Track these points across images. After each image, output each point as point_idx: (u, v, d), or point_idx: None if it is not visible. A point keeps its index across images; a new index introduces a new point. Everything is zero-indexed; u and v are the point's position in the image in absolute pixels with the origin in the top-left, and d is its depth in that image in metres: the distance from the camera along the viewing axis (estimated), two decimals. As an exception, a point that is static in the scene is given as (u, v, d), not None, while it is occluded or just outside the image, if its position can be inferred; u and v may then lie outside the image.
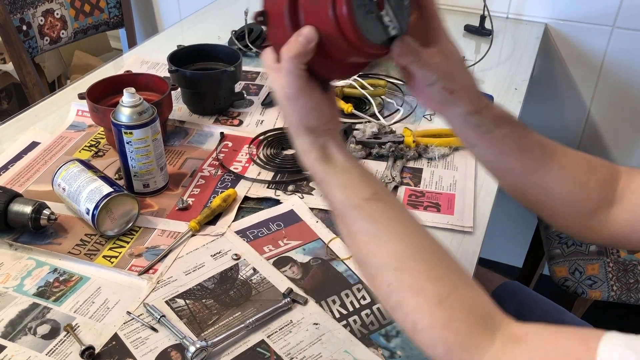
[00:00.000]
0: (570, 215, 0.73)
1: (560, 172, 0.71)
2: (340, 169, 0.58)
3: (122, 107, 0.87)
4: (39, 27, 1.77)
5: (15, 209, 0.84)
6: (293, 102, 0.57)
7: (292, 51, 0.54)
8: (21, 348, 0.69)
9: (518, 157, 0.69)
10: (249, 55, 1.42)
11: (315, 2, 0.53)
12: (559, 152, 0.73)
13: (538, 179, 0.71)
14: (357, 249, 0.56)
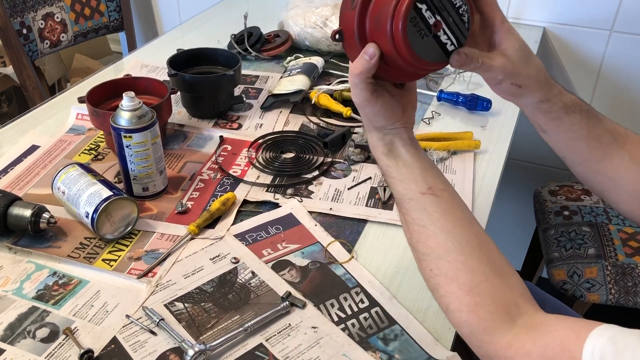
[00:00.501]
0: (635, 205, 0.74)
1: (628, 162, 0.72)
2: (402, 164, 0.65)
3: (122, 111, 0.88)
4: (39, 31, 1.77)
5: (15, 212, 0.84)
6: (361, 109, 0.65)
7: (357, 69, 0.61)
8: (20, 351, 0.69)
9: (586, 144, 0.72)
10: (248, 59, 1.43)
11: (378, 26, 0.60)
12: (631, 141, 0.74)
13: (604, 167, 0.73)
14: (410, 235, 0.64)
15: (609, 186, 0.74)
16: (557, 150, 0.76)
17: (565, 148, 0.74)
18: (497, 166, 1.05)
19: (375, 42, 0.61)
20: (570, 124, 0.70)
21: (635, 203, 0.74)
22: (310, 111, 1.21)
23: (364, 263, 0.83)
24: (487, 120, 1.19)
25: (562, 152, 0.75)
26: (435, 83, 1.33)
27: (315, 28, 1.42)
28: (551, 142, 0.75)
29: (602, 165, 0.72)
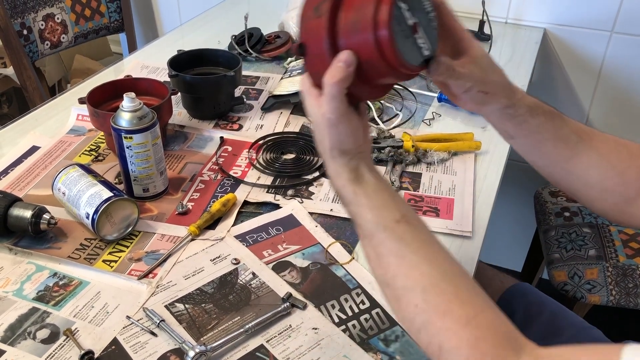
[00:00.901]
0: (608, 201, 0.74)
1: (597, 160, 0.73)
2: (371, 190, 0.59)
3: (122, 112, 0.88)
4: (39, 32, 1.77)
5: (15, 213, 0.84)
6: (334, 127, 0.58)
7: (335, 77, 0.55)
8: (20, 352, 0.69)
9: (553, 145, 0.71)
10: (248, 60, 1.43)
11: (355, 29, 0.55)
12: (597, 139, 0.74)
13: (573, 167, 0.72)
14: (384, 270, 0.57)
15: (580, 185, 0.73)
16: (526, 155, 0.75)
17: (534, 151, 0.73)
18: (497, 167, 1.05)
19: (350, 48, 0.56)
20: (536, 126, 0.70)
21: (608, 199, 0.73)
22: (310, 112, 1.21)
23: (364, 264, 0.83)
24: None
25: (532, 156, 0.74)
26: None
27: (315, 29, 1.42)
28: (520, 147, 0.74)
29: (572, 165, 0.72)
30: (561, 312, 1.01)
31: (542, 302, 1.03)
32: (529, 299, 1.02)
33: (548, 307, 1.01)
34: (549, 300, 1.04)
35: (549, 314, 1.00)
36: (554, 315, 0.99)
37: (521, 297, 1.03)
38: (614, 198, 0.74)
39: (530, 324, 0.98)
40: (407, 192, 0.98)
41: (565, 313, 1.01)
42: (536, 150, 0.73)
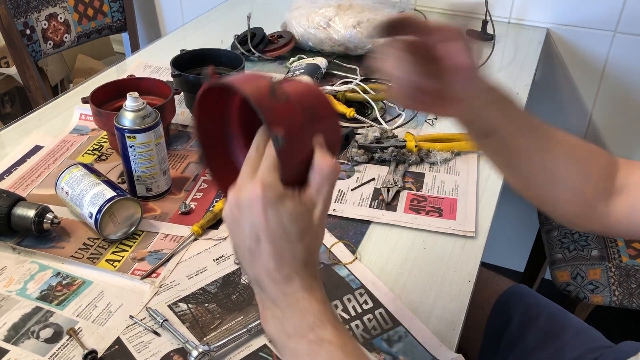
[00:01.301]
0: (572, 202, 0.73)
1: (565, 155, 0.72)
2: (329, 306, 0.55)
3: (126, 112, 0.88)
4: (42, 31, 1.77)
5: (19, 212, 0.84)
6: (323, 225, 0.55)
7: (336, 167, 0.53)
8: (24, 352, 0.69)
9: (531, 133, 0.70)
10: (251, 60, 1.43)
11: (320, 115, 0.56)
12: (560, 133, 0.73)
13: (546, 160, 0.71)
14: None
15: (549, 184, 0.72)
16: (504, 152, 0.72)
17: (513, 146, 0.70)
18: (500, 167, 1.05)
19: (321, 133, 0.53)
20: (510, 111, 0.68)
21: (573, 201, 0.72)
22: (313, 112, 1.21)
23: (367, 264, 0.83)
24: (491, 121, 1.19)
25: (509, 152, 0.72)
26: (438, 84, 1.33)
27: (318, 29, 1.42)
28: (500, 143, 0.71)
29: (545, 158, 0.70)
30: (559, 314, 1.01)
31: (539, 304, 1.02)
32: (527, 301, 1.02)
33: (546, 308, 1.01)
34: (547, 302, 1.04)
35: (548, 316, 0.99)
36: (552, 317, 0.99)
37: (518, 300, 1.03)
38: (578, 199, 0.73)
39: (529, 326, 0.98)
40: (410, 192, 0.98)
41: (564, 314, 1.01)
42: (516, 143, 0.70)
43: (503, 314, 1.01)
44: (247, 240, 0.52)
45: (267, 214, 0.51)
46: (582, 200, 0.72)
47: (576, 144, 0.73)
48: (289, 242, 0.52)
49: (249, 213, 0.51)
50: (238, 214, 0.52)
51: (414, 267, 0.83)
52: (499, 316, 1.02)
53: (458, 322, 0.75)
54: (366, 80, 1.31)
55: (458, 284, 0.81)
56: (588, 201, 0.72)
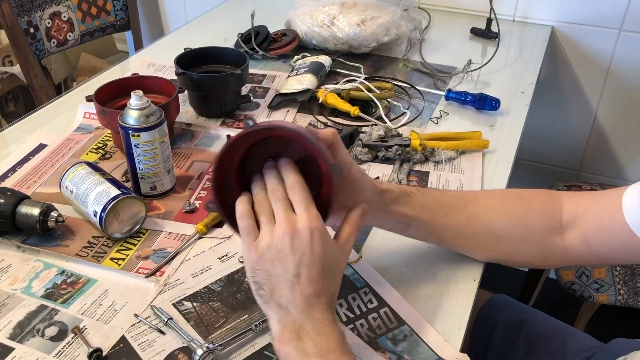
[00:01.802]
0: (528, 250, 0.78)
1: (493, 214, 0.77)
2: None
3: (130, 110, 0.88)
4: (46, 30, 1.78)
5: (24, 211, 0.84)
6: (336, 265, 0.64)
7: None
8: (29, 350, 0.69)
9: (445, 213, 0.76)
10: (255, 58, 1.42)
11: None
12: (482, 197, 0.79)
13: (476, 228, 0.77)
14: None
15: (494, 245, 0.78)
16: (427, 237, 0.80)
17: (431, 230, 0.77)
18: (505, 166, 1.05)
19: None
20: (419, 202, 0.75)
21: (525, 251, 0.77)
22: (317, 110, 1.21)
23: (372, 263, 0.83)
24: (496, 120, 1.19)
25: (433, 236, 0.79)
26: (443, 82, 1.32)
27: (322, 27, 1.41)
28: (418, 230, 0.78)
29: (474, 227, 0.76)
30: (544, 319, 1.01)
31: (522, 312, 1.02)
32: (509, 310, 1.03)
33: (529, 315, 1.01)
34: (529, 309, 1.04)
35: (532, 322, 1.00)
36: (537, 323, 1.00)
37: (499, 311, 1.03)
38: (531, 245, 0.77)
39: (515, 334, 0.98)
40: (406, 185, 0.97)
41: (548, 320, 1.02)
42: (433, 227, 0.77)
43: (487, 323, 1.01)
44: (296, 267, 0.60)
45: (316, 242, 0.60)
46: (535, 244, 0.76)
47: (502, 199, 0.78)
48: (330, 267, 0.62)
49: (302, 244, 0.60)
50: (293, 243, 0.60)
51: (418, 266, 0.83)
52: (483, 327, 1.02)
53: (463, 322, 0.75)
54: (370, 78, 1.30)
55: (463, 282, 0.81)
56: (542, 243, 0.76)
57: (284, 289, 0.60)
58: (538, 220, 0.75)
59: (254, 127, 0.62)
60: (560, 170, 1.81)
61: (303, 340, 0.58)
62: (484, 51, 1.51)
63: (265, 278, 0.61)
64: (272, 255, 0.61)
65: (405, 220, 0.75)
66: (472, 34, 1.58)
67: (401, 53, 1.47)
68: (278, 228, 0.61)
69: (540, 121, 1.73)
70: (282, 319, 0.60)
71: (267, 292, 0.61)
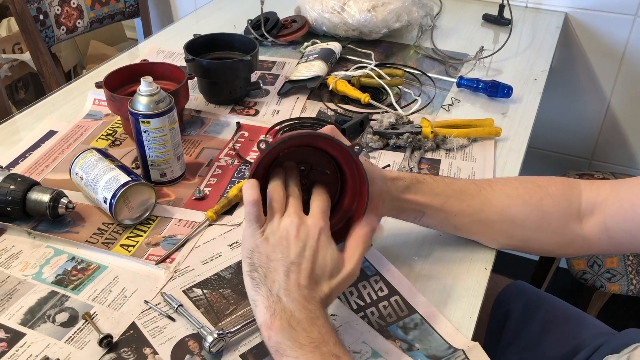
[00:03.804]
0: (545, 238, 0.77)
1: (508, 200, 0.76)
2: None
3: (140, 96, 0.87)
4: (55, 17, 1.77)
5: (34, 197, 0.84)
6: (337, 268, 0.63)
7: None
8: (40, 335, 0.70)
9: (458, 199, 0.75)
10: (265, 45, 1.41)
11: None
12: (497, 183, 0.78)
13: (490, 214, 0.76)
14: None
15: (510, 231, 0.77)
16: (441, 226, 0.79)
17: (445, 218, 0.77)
18: (518, 154, 1.04)
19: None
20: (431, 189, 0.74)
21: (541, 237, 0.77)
22: (327, 97, 1.20)
23: (383, 251, 0.82)
24: (508, 107, 1.17)
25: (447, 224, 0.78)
26: (454, 69, 1.31)
27: (332, 13, 1.40)
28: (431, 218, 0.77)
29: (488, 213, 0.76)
30: (560, 305, 1.01)
31: (539, 297, 1.02)
32: (526, 295, 1.02)
33: (546, 300, 1.01)
34: (546, 295, 1.03)
35: (548, 307, 0.99)
36: (552, 308, 0.99)
37: (518, 294, 1.02)
38: (544, 233, 0.76)
39: (530, 318, 0.98)
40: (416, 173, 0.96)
41: (564, 305, 1.01)
42: (446, 214, 0.76)
43: (503, 308, 1.01)
44: (294, 256, 0.60)
45: (321, 243, 0.62)
46: (552, 231, 0.76)
47: (517, 185, 0.77)
48: (329, 277, 0.62)
49: (306, 236, 0.61)
50: (299, 233, 0.61)
51: (429, 254, 0.82)
52: (499, 311, 1.01)
53: (475, 310, 0.74)
54: (381, 65, 1.29)
55: (474, 271, 0.80)
56: (559, 229, 0.75)
57: (279, 274, 0.60)
58: (554, 206, 0.74)
59: (267, 148, 0.64)
60: (572, 158, 1.79)
61: (296, 330, 0.57)
62: (496, 38, 1.49)
63: (262, 261, 0.61)
64: (275, 240, 0.61)
65: (418, 207, 0.75)
66: (484, 20, 1.56)
67: (412, 39, 1.45)
68: (287, 217, 0.62)
69: (552, 109, 1.71)
70: (271, 305, 0.59)
71: (260, 275, 0.61)
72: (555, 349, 0.93)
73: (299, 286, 0.59)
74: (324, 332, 0.58)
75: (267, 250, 0.61)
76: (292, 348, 0.56)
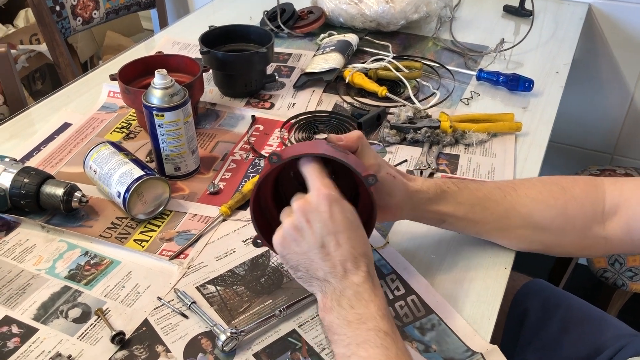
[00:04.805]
0: (564, 242, 0.76)
1: (533, 204, 0.74)
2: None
3: (154, 89, 0.86)
4: (71, 8, 1.77)
5: (48, 190, 0.84)
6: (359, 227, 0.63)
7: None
8: (53, 331, 0.69)
9: (482, 207, 0.74)
10: (280, 37, 1.40)
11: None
12: (522, 186, 0.76)
13: (515, 219, 0.74)
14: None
15: (535, 235, 0.75)
16: (465, 230, 0.78)
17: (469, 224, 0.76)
18: (539, 149, 1.01)
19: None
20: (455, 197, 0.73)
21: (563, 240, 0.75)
22: (344, 90, 1.18)
23: (399, 249, 0.81)
24: (529, 101, 1.14)
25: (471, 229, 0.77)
26: (474, 62, 1.28)
27: (349, 4, 1.38)
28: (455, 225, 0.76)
29: (512, 219, 0.74)
30: (579, 304, 0.99)
31: (558, 296, 1.00)
32: (545, 294, 1.00)
33: (565, 300, 0.99)
34: (566, 294, 1.01)
35: (567, 306, 0.97)
36: (572, 307, 0.97)
37: (536, 293, 1.00)
38: (568, 237, 0.74)
39: (548, 317, 0.96)
40: (444, 174, 0.95)
41: (584, 305, 0.99)
42: (469, 222, 0.75)
43: (521, 307, 0.99)
44: (320, 238, 0.60)
45: (334, 209, 0.60)
46: (575, 234, 0.74)
47: (541, 188, 0.75)
48: (355, 229, 0.61)
49: (317, 214, 0.60)
50: (307, 217, 0.60)
51: (447, 252, 0.80)
52: (517, 309, 0.99)
53: (493, 312, 0.72)
54: (399, 57, 1.27)
55: (493, 270, 0.78)
56: (583, 232, 0.74)
57: (318, 262, 0.61)
58: (579, 209, 0.72)
59: (279, 161, 0.64)
60: (593, 153, 1.75)
61: (344, 307, 0.59)
62: (517, 30, 1.45)
63: (296, 259, 0.63)
64: (293, 235, 0.62)
65: (440, 216, 0.74)
66: (505, 11, 1.53)
67: (431, 31, 1.42)
68: (293, 208, 0.62)
69: (574, 103, 1.67)
70: (324, 289, 0.61)
71: (304, 272, 0.63)
72: (575, 350, 0.91)
73: (338, 263, 0.60)
74: (371, 306, 0.59)
75: (293, 247, 0.62)
76: (341, 326, 0.58)
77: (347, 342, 0.58)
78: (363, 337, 0.57)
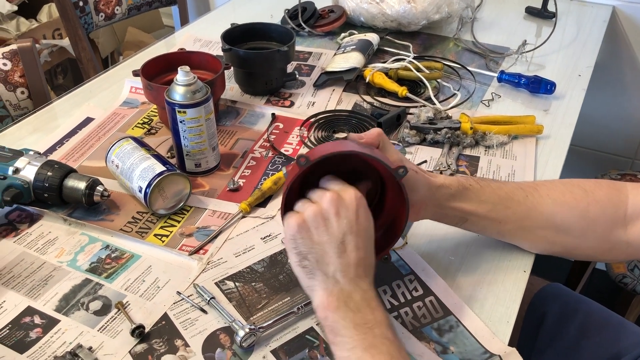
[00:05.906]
0: (585, 245, 0.75)
1: (554, 206, 0.73)
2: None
3: (176, 86, 0.87)
4: (94, 3, 1.78)
5: (70, 184, 0.85)
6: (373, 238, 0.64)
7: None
8: (74, 323, 0.70)
9: (504, 206, 0.73)
10: (301, 35, 1.40)
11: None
12: (544, 187, 0.75)
13: (536, 220, 0.74)
14: None
15: (555, 237, 0.75)
16: (485, 231, 0.77)
17: (491, 224, 0.75)
18: (560, 152, 1.00)
19: None
20: (476, 195, 0.72)
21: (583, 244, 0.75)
22: (363, 90, 1.18)
23: (418, 250, 0.81)
24: (551, 104, 1.13)
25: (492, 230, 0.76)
26: (495, 63, 1.27)
27: (371, 3, 1.37)
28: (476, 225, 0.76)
29: (534, 220, 0.74)
30: (599, 310, 0.97)
31: (577, 300, 0.98)
32: (563, 298, 0.99)
33: (584, 305, 0.97)
34: (584, 299, 1.00)
35: (586, 312, 0.96)
36: (591, 313, 0.95)
37: (554, 297, 0.99)
38: (589, 240, 0.74)
39: (566, 322, 0.94)
40: (463, 176, 0.94)
41: (603, 310, 0.97)
42: (491, 221, 0.74)
43: (539, 311, 0.98)
44: (342, 234, 0.60)
45: (361, 212, 0.61)
46: (596, 238, 0.74)
47: (564, 190, 0.75)
48: (371, 239, 0.62)
49: (347, 210, 0.60)
50: (337, 209, 0.60)
51: (466, 254, 0.80)
52: (534, 313, 0.98)
53: (512, 314, 0.72)
54: (419, 57, 1.26)
55: (512, 273, 0.78)
56: (604, 236, 0.73)
57: (332, 257, 0.60)
58: (600, 213, 0.72)
59: (307, 163, 0.63)
60: (614, 157, 1.73)
61: (352, 310, 0.58)
62: (539, 31, 1.44)
63: (309, 247, 0.61)
64: (317, 223, 0.60)
65: (462, 214, 0.74)
66: (527, 13, 1.52)
67: (452, 32, 1.41)
68: (324, 197, 0.61)
69: (595, 106, 1.65)
70: (329, 287, 0.60)
71: (311, 262, 0.61)
72: (594, 356, 0.90)
73: (352, 265, 0.60)
74: (377, 314, 0.59)
75: (310, 234, 0.61)
76: (347, 328, 0.57)
77: (352, 345, 0.57)
78: (370, 342, 0.57)
